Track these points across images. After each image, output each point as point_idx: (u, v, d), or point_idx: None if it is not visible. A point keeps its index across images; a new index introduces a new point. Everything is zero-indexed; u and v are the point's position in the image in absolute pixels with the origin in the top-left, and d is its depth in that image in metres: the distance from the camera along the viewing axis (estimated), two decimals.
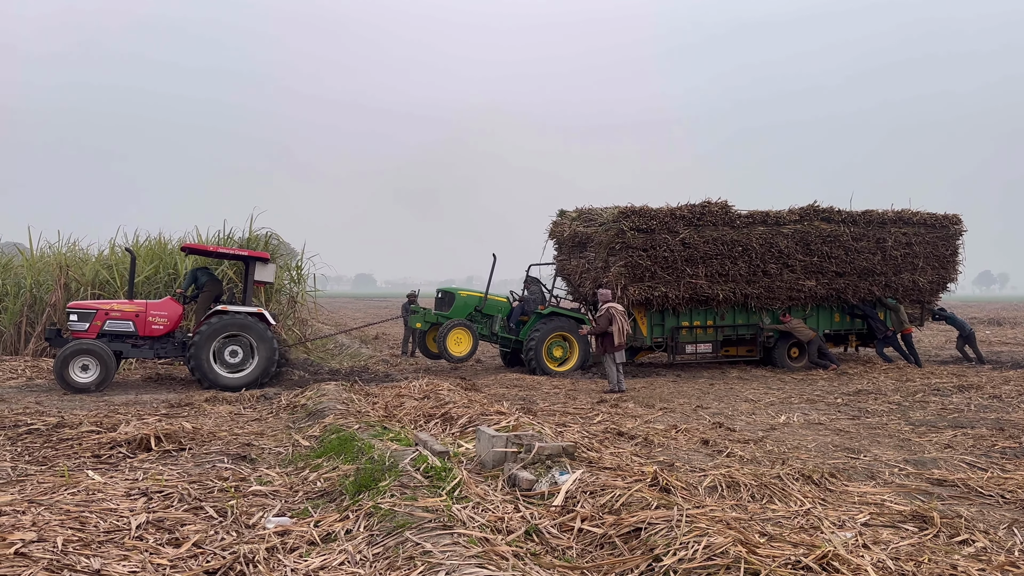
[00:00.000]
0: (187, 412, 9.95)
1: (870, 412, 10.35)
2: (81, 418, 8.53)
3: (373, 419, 8.52)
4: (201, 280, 13.88)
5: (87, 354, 11.93)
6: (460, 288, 16.73)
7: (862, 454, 7.50)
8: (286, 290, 19.35)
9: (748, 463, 6.96)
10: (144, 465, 6.74)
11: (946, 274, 17.56)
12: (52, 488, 5.67)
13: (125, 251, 16.36)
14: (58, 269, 17.27)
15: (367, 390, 11.45)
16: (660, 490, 5.36)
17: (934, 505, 5.31)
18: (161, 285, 17.52)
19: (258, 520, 5.10)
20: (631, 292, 15.02)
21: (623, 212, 15.30)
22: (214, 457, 7.15)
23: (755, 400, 11.65)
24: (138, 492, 5.62)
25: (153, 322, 12.70)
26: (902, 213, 17.34)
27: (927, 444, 8.01)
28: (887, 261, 16.84)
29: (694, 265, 15.41)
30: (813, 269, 16.29)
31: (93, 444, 7.37)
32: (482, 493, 5.29)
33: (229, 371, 12.60)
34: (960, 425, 9.13)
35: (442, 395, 10.24)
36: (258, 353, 12.74)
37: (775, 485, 5.82)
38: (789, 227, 16.19)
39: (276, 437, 8.26)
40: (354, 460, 6.36)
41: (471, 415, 8.60)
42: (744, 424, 9.44)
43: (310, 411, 9.50)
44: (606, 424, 8.84)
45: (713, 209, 15.72)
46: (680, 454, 7.40)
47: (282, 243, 21.12)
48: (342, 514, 5.02)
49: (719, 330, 16.30)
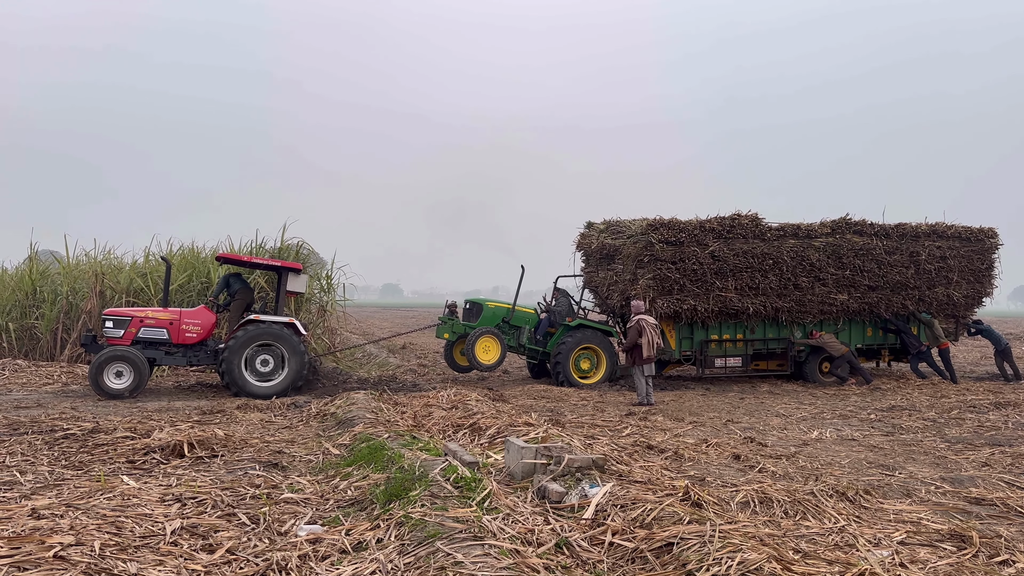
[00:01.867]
0: (219, 419, 10.06)
1: (904, 428, 10.18)
2: (115, 424, 8.66)
3: (402, 428, 8.55)
4: (234, 287, 14.06)
5: (121, 360, 12.12)
6: (488, 299, 16.75)
7: (897, 471, 7.38)
8: (316, 299, 19.54)
9: (780, 479, 6.87)
10: (177, 471, 6.83)
11: (981, 288, 17.25)
12: (88, 493, 5.76)
13: (160, 259, 16.62)
14: (94, 277, 17.58)
15: (396, 399, 11.50)
16: (692, 505, 5.31)
17: (973, 524, 5.21)
18: (194, 293, 17.77)
19: (290, 528, 5.13)
20: (659, 305, 14.95)
21: (651, 224, 15.25)
22: (246, 464, 7.22)
23: (786, 415, 11.51)
24: (172, 498, 5.69)
25: (187, 330, 12.88)
26: (936, 226, 17.09)
27: (964, 462, 7.86)
28: (921, 275, 16.59)
29: (724, 278, 15.29)
30: (845, 283, 16.09)
31: (127, 450, 7.47)
32: (512, 504, 5.28)
33: (260, 380, 12.74)
34: (997, 443, 8.94)
35: (470, 405, 10.25)
36: (289, 363, 12.86)
37: (809, 501, 5.74)
38: (821, 240, 16.03)
39: (307, 445, 8.31)
40: (384, 469, 6.38)
41: (499, 426, 8.60)
42: (776, 439, 9.33)
43: (340, 420, 9.55)
44: (635, 437, 8.79)
45: (743, 222, 15.62)
46: (711, 469, 7.33)
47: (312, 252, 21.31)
48: (373, 523, 5.04)
49: (749, 344, 16.14)
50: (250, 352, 12.69)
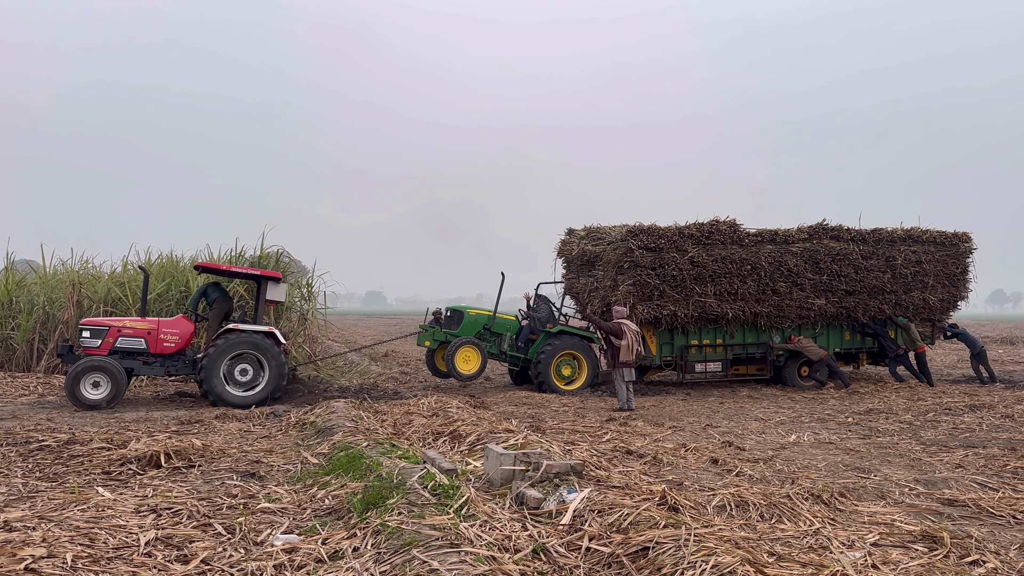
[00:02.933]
0: (197, 429, 9.99)
1: (881, 431, 10.28)
2: (92, 435, 8.57)
3: (382, 436, 8.53)
4: (212, 296, 13.98)
5: (98, 371, 12.01)
6: (469, 306, 16.76)
7: (872, 474, 7.45)
8: (297, 307, 19.45)
9: (757, 482, 6.92)
10: (154, 482, 6.77)
11: (956, 292, 17.48)
12: (62, 504, 5.70)
13: (138, 269, 16.50)
14: (71, 286, 17.42)
15: (376, 407, 11.47)
16: (669, 509, 5.34)
17: (944, 525, 5.28)
18: (173, 303, 17.64)
19: (266, 537, 5.11)
20: (640, 311, 15.02)
21: (631, 231, 15.34)
22: (223, 474, 7.17)
23: (765, 419, 11.59)
24: (147, 509, 5.65)
25: (165, 339, 12.78)
26: (911, 231, 17.31)
27: (938, 464, 7.95)
28: (897, 279, 16.78)
29: (703, 283, 15.40)
30: (822, 287, 16.25)
31: (103, 461, 7.40)
32: (490, 511, 5.29)
33: (239, 389, 12.66)
34: (972, 445, 9.06)
35: (451, 413, 10.25)
36: (268, 372, 12.79)
37: (784, 504, 5.79)
38: (798, 245, 16.17)
39: (285, 454, 8.28)
40: (362, 477, 6.37)
41: (479, 433, 8.60)
42: (754, 443, 9.40)
43: (319, 428, 9.52)
44: (615, 442, 8.82)
45: (721, 227, 15.73)
46: (689, 473, 7.37)
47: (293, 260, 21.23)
48: (350, 531, 5.03)
49: (729, 348, 16.25)
50: (229, 362, 12.61)
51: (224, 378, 12.55)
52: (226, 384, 12.56)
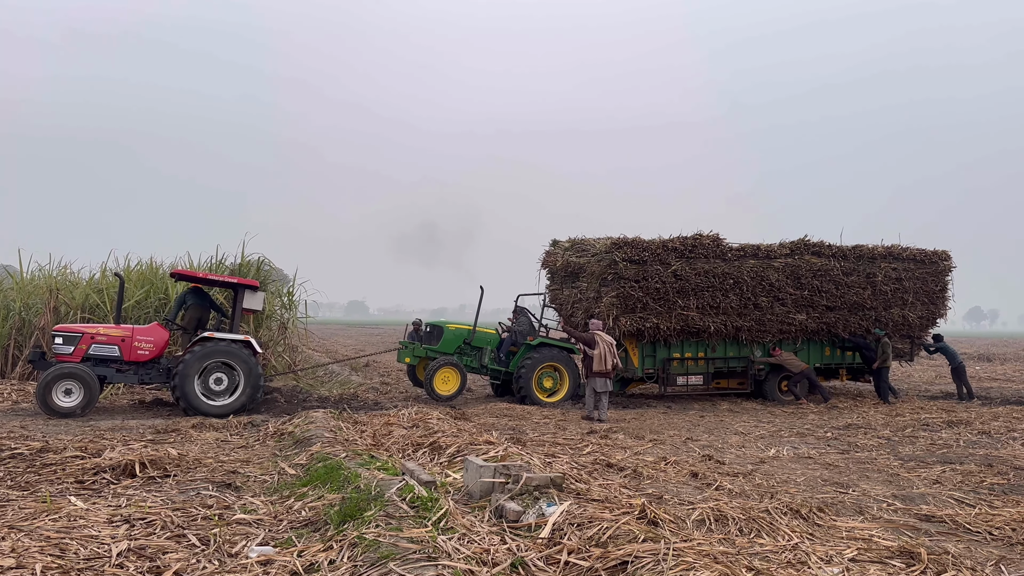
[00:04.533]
0: (173, 438, 9.85)
1: (859, 446, 10.33)
2: (66, 443, 8.43)
3: (360, 448, 8.46)
4: (189, 303, 13.84)
5: (70, 378, 11.83)
6: (448, 321, 16.72)
7: (851, 489, 7.48)
8: (277, 316, 19.31)
9: (737, 496, 6.92)
10: (128, 491, 6.67)
11: (935, 309, 17.66)
12: (33, 514, 5.60)
13: (115, 275, 16.31)
14: (48, 292, 17.19)
15: (355, 418, 11.37)
16: (648, 523, 5.32)
17: (922, 541, 5.30)
18: (151, 310, 17.45)
19: (241, 549, 5.03)
20: (623, 323, 15.05)
21: (615, 243, 15.39)
22: (199, 484, 7.08)
23: (745, 433, 11.62)
24: (120, 519, 5.55)
25: (139, 347, 12.62)
26: (892, 248, 17.49)
27: (916, 480, 8.00)
28: (877, 296, 16.93)
29: (685, 297, 15.46)
30: (803, 303, 16.36)
31: (77, 470, 7.28)
32: (468, 524, 5.24)
33: (214, 398, 12.51)
34: (949, 461, 9.12)
35: (431, 424, 10.19)
36: (243, 381, 12.66)
37: (763, 519, 5.79)
38: (780, 261, 16.29)
39: (262, 465, 8.18)
40: (340, 489, 6.30)
41: (460, 445, 8.55)
42: (734, 457, 9.41)
43: (297, 439, 9.42)
44: (595, 455, 8.81)
45: (704, 242, 15.83)
46: (669, 487, 7.37)
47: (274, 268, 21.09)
48: (326, 544, 4.96)
49: (710, 362, 16.31)
50: (204, 370, 12.46)
51: (198, 387, 12.40)
52: (200, 393, 12.41)
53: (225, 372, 12.64)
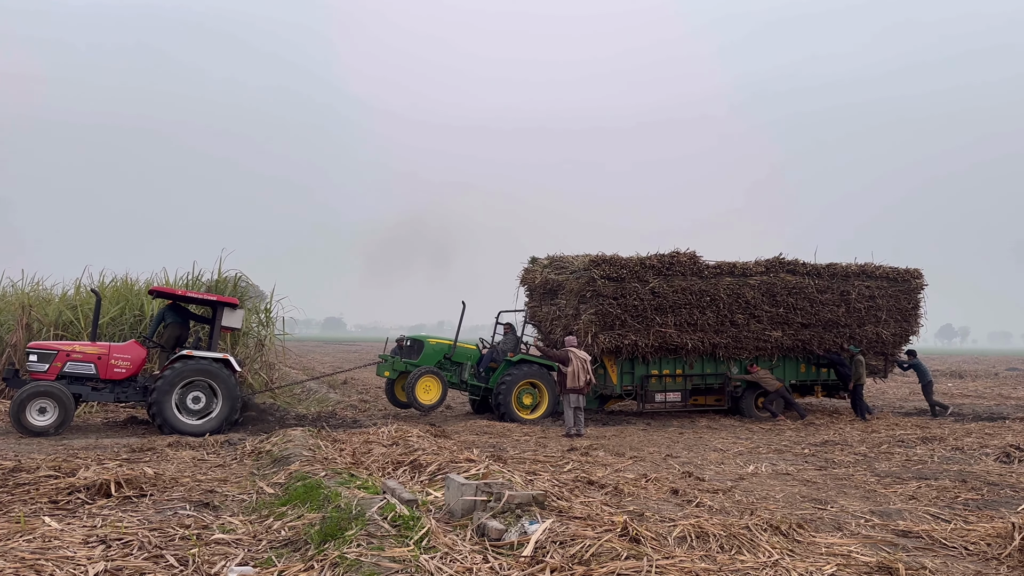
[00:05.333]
0: (149, 457, 9.73)
1: (836, 463, 10.43)
2: (39, 462, 8.29)
3: (340, 466, 8.39)
4: (167, 321, 13.69)
5: (45, 396, 11.65)
6: (429, 336, 16.68)
7: (829, 505, 7.55)
8: (254, 333, 19.15)
9: (717, 513, 6.96)
10: (103, 512, 6.57)
11: (908, 327, 17.92)
12: (7, 535, 5.49)
13: (91, 292, 16.11)
14: (20, 308, 16.94)
15: (334, 436, 11.29)
16: (630, 540, 5.33)
17: (900, 556, 5.35)
18: (127, 327, 17.25)
19: (220, 570, 4.98)
20: (601, 340, 15.11)
21: (594, 260, 15.48)
22: (176, 504, 6.99)
23: (724, 450, 11.69)
24: (96, 539, 5.47)
25: (115, 365, 12.46)
26: (865, 267, 17.75)
27: (892, 495, 8.09)
28: (851, 313, 17.15)
29: (663, 314, 15.57)
30: (779, 320, 16.53)
31: (51, 489, 7.16)
32: (450, 543, 5.23)
33: (191, 417, 12.37)
34: (924, 477, 9.23)
35: (411, 442, 10.13)
36: (221, 400, 12.53)
37: (744, 536, 5.82)
38: (756, 278, 16.47)
39: (240, 484, 8.09)
40: (320, 508, 6.26)
41: (440, 462, 8.52)
42: (713, 474, 9.46)
43: (275, 457, 9.33)
44: (576, 473, 8.80)
45: (682, 259, 15.97)
46: (650, 503, 7.39)
47: (251, 285, 20.95)
48: (307, 564, 4.92)
49: (688, 379, 16.41)
50: (181, 389, 12.33)
51: (176, 406, 12.25)
52: (178, 412, 12.26)
53: (202, 391, 12.51)
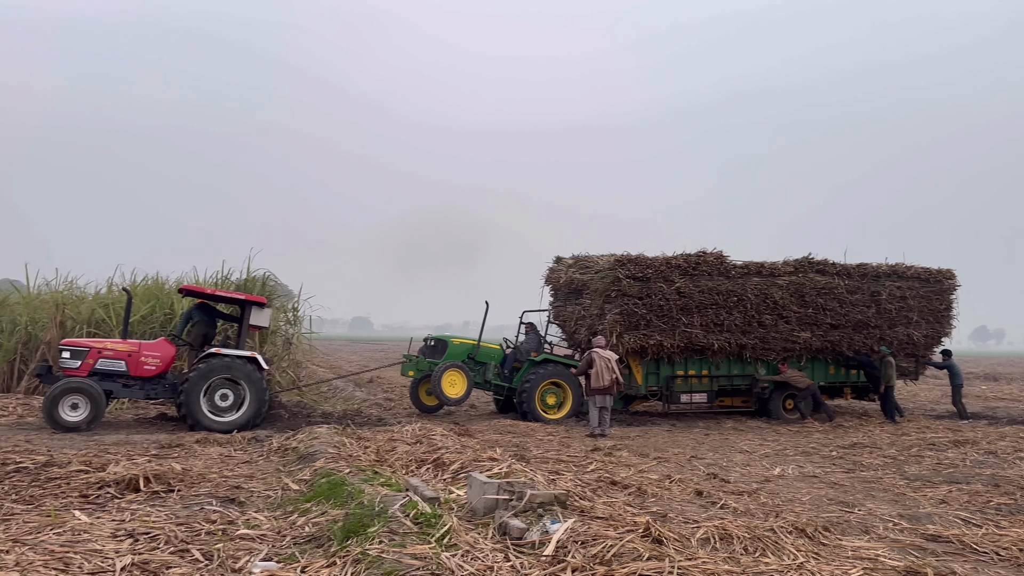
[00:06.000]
0: (177, 453, 9.86)
1: (865, 466, 10.28)
2: (70, 457, 8.44)
3: (364, 464, 8.44)
4: (195, 319, 13.88)
5: (77, 392, 11.86)
6: (453, 335, 16.71)
7: (856, 508, 7.45)
8: (282, 332, 19.33)
9: (742, 515, 6.90)
10: (132, 506, 6.67)
11: (940, 328, 17.62)
12: (38, 528, 5.60)
13: (122, 291, 16.38)
14: (54, 307, 17.25)
15: (359, 434, 11.35)
16: (652, 541, 5.31)
17: (928, 561, 5.27)
18: (157, 325, 17.50)
19: (244, 564, 5.03)
20: (626, 340, 15.04)
21: (619, 260, 15.41)
22: (203, 499, 7.07)
23: (750, 451, 11.58)
24: (124, 533, 5.56)
25: (145, 362, 12.65)
26: (896, 267, 17.48)
27: (922, 499, 7.96)
28: (882, 314, 16.90)
29: (689, 314, 15.46)
30: (808, 321, 16.34)
31: (81, 484, 7.29)
32: (472, 541, 5.23)
33: (219, 414, 12.53)
34: (955, 480, 9.07)
35: (435, 440, 10.17)
36: (249, 397, 12.67)
37: (768, 538, 5.76)
38: (784, 279, 16.29)
39: (266, 480, 8.18)
40: (343, 505, 6.30)
41: (463, 461, 8.53)
42: (739, 475, 9.37)
43: (301, 454, 9.42)
44: (600, 473, 8.77)
45: (708, 259, 15.85)
46: (673, 505, 7.34)
47: (279, 284, 21.14)
48: (329, 560, 4.96)
49: (714, 380, 16.27)
50: (210, 386, 12.49)
51: (204, 403, 12.42)
52: (206, 409, 12.42)
53: (231, 388, 12.67)
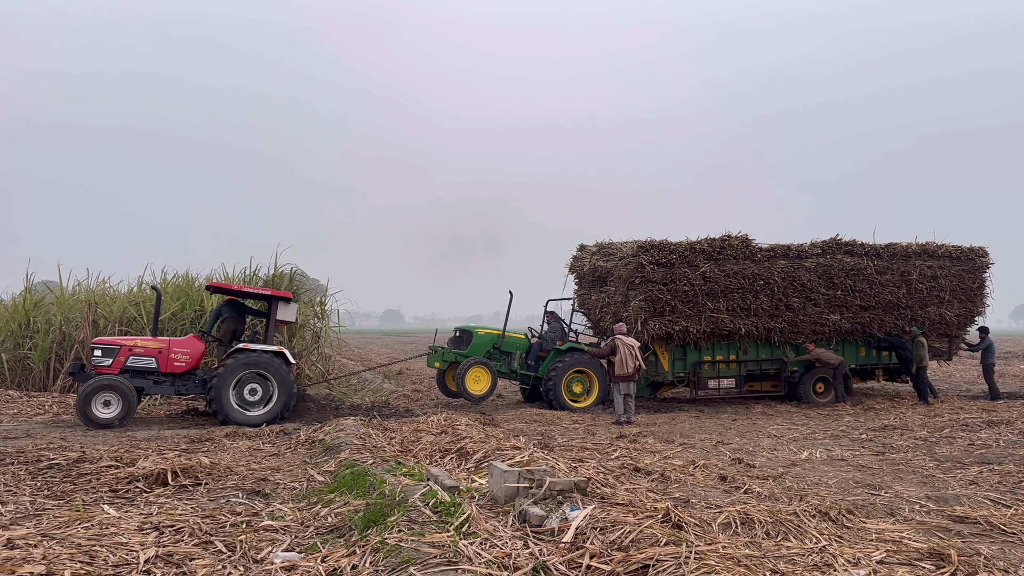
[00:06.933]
0: (206, 447, 10.02)
1: (895, 448, 10.14)
2: (102, 453, 8.62)
3: (388, 454, 8.51)
4: (225, 315, 14.07)
5: (109, 390, 12.09)
6: (478, 326, 16.75)
7: (883, 490, 7.34)
8: (310, 326, 19.52)
9: (765, 499, 6.83)
10: (160, 500, 6.79)
11: (973, 307, 17.27)
12: (67, 522, 5.72)
13: (151, 289, 16.64)
14: (87, 306, 17.59)
15: (386, 425, 11.46)
16: (672, 526, 5.27)
17: (953, 543, 5.17)
18: (187, 322, 17.77)
19: (266, 555, 5.10)
20: (651, 326, 14.96)
21: (642, 246, 15.31)
22: (229, 492, 7.18)
23: (778, 435, 11.47)
24: (151, 527, 5.66)
25: (175, 359, 12.86)
26: (926, 246, 17.15)
27: (951, 480, 7.83)
28: (912, 294, 16.61)
29: (715, 299, 15.32)
30: (837, 303, 16.11)
31: (111, 479, 7.44)
32: (491, 529, 5.25)
33: (248, 408, 12.72)
34: (987, 461, 8.91)
35: (459, 430, 10.21)
36: (277, 391, 12.84)
37: (790, 522, 5.70)
38: (811, 260, 16.07)
39: (292, 472, 8.28)
40: (365, 495, 6.36)
41: (487, 450, 8.56)
42: (765, 460, 9.29)
43: (327, 446, 9.52)
44: (623, 460, 8.75)
45: (733, 243, 15.68)
46: (697, 490, 7.30)
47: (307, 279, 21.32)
48: (349, 549, 5.01)
49: (742, 365, 16.12)
50: (238, 381, 12.67)
51: (233, 398, 12.61)
52: (235, 403, 12.62)
53: (259, 383, 12.84)
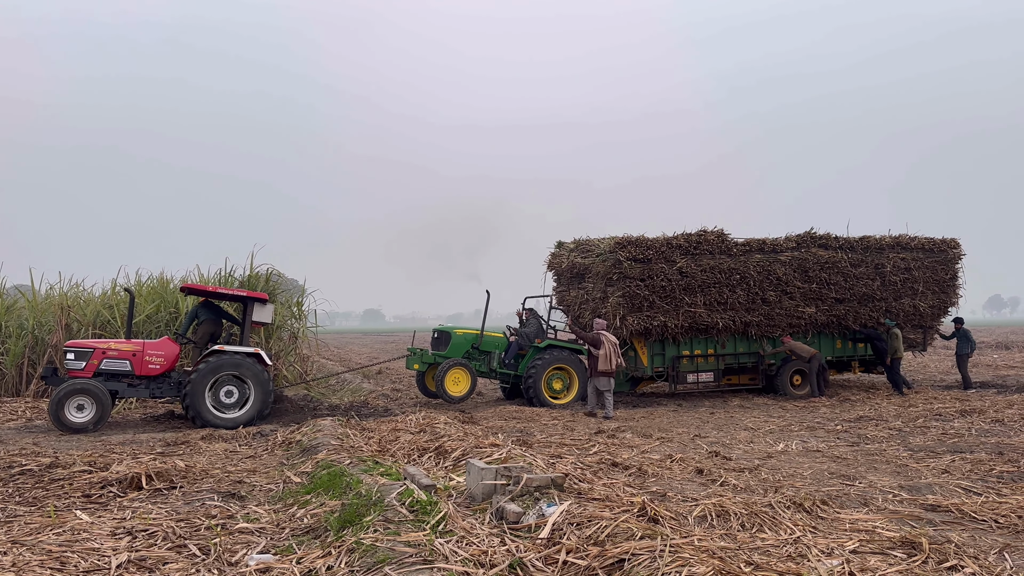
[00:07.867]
0: (182, 450, 9.92)
1: (870, 438, 10.25)
2: (75, 458, 8.50)
3: (366, 454, 8.48)
4: (201, 318, 13.93)
5: (83, 394, 11.92)
6: (456, 327, 16.71)
7: (857, 481, 7.43)
8: (287, 327, 19.38)
9: (741, 492, 6.89)
10: (134, 504, 6.72)
11: (946, 298, 17.50)
12: (38, 529, 5.65)
13: (124, 291, 16.44)
14: (60, 310, 17.35)
15: (364, 425, 11.41)
16: (648, 520, 5.30)
17: (924, 531, 5.24)
18: (162, 324, 17.56)
19: (241, 558, 5.06)
20: (630, 322, 15.01)
21: (619, 242, 15.35)
22: (205, 495, 7.12)
23: (755, 428, 11.56)
24: (123, 531, 5.60)
25: (150, 361, 12.70)
26: (899, 238, 17.36)
27: (924, 470, 7.93)
28: (887, 286, 16.81)
29: (692, 294, 15.40)
30: (812, 296, 16.26)
31: (84, 484, 7.34)
32: (468, 527, 5.25)
33: (224, 410, 12.59)
34: (959, 450, 9.03)
35: (438, 428, 10.19)
36: (254, 393, 12.73)
37: (765, 513, 5.75)
38: (786, 254, 16.20)
39: (268, 474, 8.22)
40: (341, 496, 6.33)
41: (465, 448, 8.55)
42: (741, 453, 9.36)
43: (304, 447, 9.46)
44: (601, 455, 8.77)
45: (709, 238, 15.76)
46: (673, 484, 7.34)
47: (284, 279, 21.15)
48: (325, 550, 4.98)
49: (720, 359, 16.23)
50: (214, 383, 12.55)
51: (209, 400, 12.48)
52: (211, 406, 12.49)
53: (236, 385, 12.73)
